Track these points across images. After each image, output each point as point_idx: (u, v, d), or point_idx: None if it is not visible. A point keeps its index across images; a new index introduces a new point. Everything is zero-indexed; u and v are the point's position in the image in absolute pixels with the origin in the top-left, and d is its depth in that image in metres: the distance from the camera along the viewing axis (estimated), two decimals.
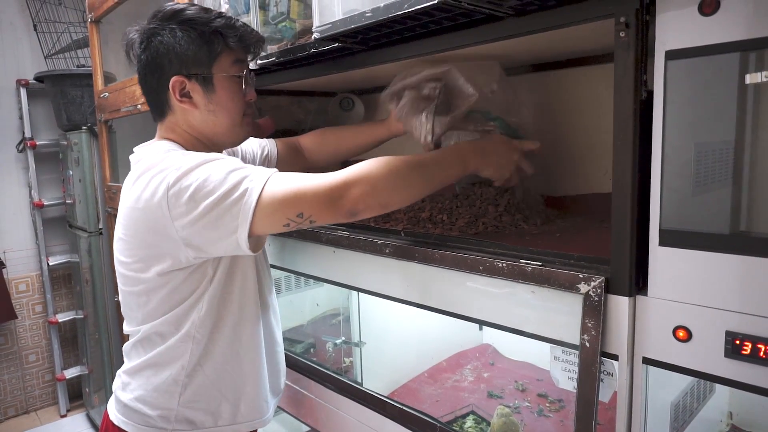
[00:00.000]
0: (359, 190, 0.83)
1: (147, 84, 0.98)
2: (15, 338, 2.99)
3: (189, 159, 0.87)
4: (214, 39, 0.94)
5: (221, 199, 0.83)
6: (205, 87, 0.95)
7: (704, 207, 0.65)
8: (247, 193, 0.83)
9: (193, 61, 0.93)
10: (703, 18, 0.62)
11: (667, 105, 0.66)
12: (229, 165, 0.86)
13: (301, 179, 0.85)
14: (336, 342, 1.47)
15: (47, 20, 2.83)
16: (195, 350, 0.98)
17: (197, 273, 0.95)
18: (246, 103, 1.01)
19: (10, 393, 3.00)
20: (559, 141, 1.25)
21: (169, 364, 0.99)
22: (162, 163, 0.89)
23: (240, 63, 0.99)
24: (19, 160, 2.95)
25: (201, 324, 0.97)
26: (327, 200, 0.83)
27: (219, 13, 0.97)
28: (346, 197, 0.83)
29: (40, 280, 3.04)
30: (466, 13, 0.81)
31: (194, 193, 0.84)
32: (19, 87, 2.85)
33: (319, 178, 0.84)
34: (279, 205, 0.83)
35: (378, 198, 0.85)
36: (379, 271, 1.06)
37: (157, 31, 0.94)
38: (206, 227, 0.85)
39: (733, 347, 0.62)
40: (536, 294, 0.80)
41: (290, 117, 1.71)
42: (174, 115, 0.98)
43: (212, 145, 1.02)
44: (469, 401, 1.28)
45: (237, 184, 0.83)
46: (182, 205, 0.84)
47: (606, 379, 0.75)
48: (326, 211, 0.84)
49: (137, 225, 0.91)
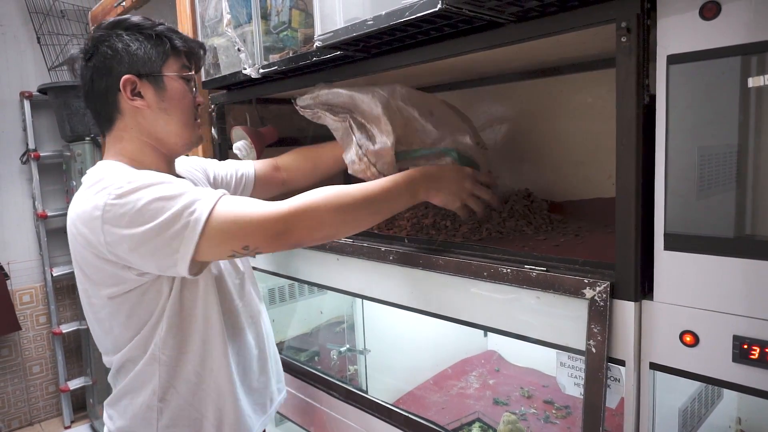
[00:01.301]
0: (304, 225, 0.83)
1: (95, 90, 0.95)
2: (19, 349, 2.99)
3: (130, 179, 0.84)
4: (160, 41, 0.96)
5: (163, 228, 0.80)
6: (157, 86, 0.95)
7: (709, 210, 0.65)
8: (190, 225, 0.80)
9: (143, 62, 0.94)
10: (705, 22, 0.62)
11: (670, 109, 0.65)
12: (173, 190, 0.83)
13: (247, 210, 0.83)
14: (340, 350, 1.46)
15: (50, 33, 2.85)
16: (163, 372, 0.96)
17: (151, 292, 0.92)
18: (195, 107, 1.01)
19: (14, 405, 3.00)
20: (562, 146, 1.25)
21: (141, 390, 0.97)
22: (102, 181, 0.86)
23: (186, 68, 1.00)
24: (23, 171, 2.96)
25: (164, 345, 0.94)
26: (272, 234, 0.82)
27: (161, 22, 0.99)
28: (292, 231, 0.83)
29: (43, 290, 3.04)
30: (467, 20, 0.81)
31: (134, 218, 0.81)
32: (22, 99, 2.87)
33: (264, 208, 0.83)
34: (224, 237, 0.82)
35: (323, 231, 0.85)
36: (383, 278, 1.06)
37: (104, 38, 0.94)
38: (145, 255, 0.83)
39: (741, 352, 0.62)
40: (541, 299, 0.80)
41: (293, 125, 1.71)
42: (123, 119, 0.96)
43: (164, 149, 0.99)
44: (474, 408, 1.27)
45: (179, 214, 0.81)
46: (120, 228, 0.82)
47: (613, 384, 0.74)
48: (272, 244, 0.84)
49: (81, 248, 0.89)
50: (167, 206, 0.81)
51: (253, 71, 1.23)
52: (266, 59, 1.22)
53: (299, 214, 0.83)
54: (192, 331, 0.97)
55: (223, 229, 0.81)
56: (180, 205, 0.81)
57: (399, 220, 1.18)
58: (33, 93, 2.86)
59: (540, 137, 1.30)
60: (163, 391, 0.96)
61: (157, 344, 0.94)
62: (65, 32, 2.88)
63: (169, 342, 0.95)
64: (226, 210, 0.82)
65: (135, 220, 0.81)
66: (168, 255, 0.82)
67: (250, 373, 1.08)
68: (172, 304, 0.93)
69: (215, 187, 1.18)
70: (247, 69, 1.24)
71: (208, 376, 0.99)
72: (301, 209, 0.83)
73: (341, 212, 0.85)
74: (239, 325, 1.06)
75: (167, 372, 0.96)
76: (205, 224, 0.81)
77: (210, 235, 0.81)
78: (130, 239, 0.82)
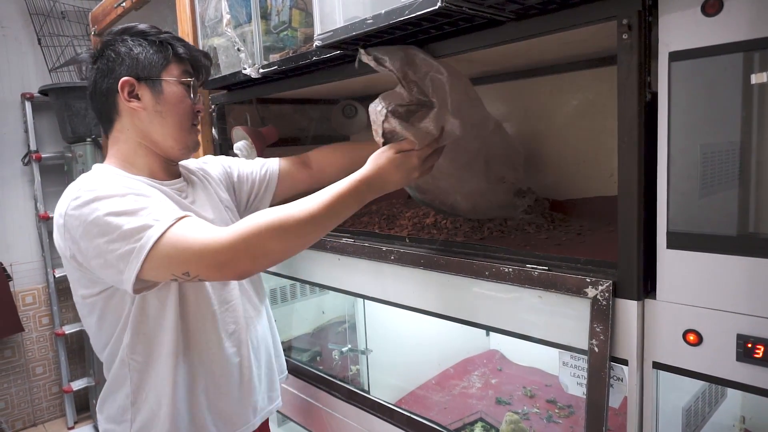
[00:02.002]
0: (249, 256, 0.80)
1: (97, 90, 0.98)
2: (22, 351, 3.00)
3: (93, 187, 0.86)
4: (163, 48, 0.98)
5: (111, 247, 0.82)
6: (154, 89, 0.97)
7: (712, 209, 0.64)
8: (137, 250, 0.81)
9: (143, 65, 0.96)
10: (707, 18, 0.61)
11: (672, 106, 0.65)
12: (125, 205, 0.84)
13: (193, 235, 0.81)
14: (342, 350, 1.46)
15: (51, 34, 2.85)
16: (134, 378, 0.97)
17: (117, 296, 0.94)
18: (194, 113, 1.02)
19: (17, 406, 3.00)
20: (563, 144, 1.25)
21: (117, 392, 1.00)
22: (75, 186, 0.89)
23: (188, 74, 1.01)
24: (24, 173, 2.96)
25: (132, 351, 0.96)
26: (215, 264, 0.80)
27: (167, 31, 1.02)
28: (234, 263, 0.80)
29: (46, 292, 3.04)
30: (467, 18, 0.80)
31: (87, 229, 0.83)
32: (24, 100, 2.87)
33: (208, 237, 0.81)
34: (166, 262, 0.81)
35: (268, 258, 0.83)
36: (384, 278, 1.05)
37: (110, 43, 0.98)
38: (96, 266, 0.85)
39: (744, 351, 0.61)
40: (543, 299, 0.80)
41: (293, 125, 1.71)
42: (121, 121, 0.98)
43: (160, 152, 1.00)
44: (477, 408, 1.27)
45: (129, 235, 0.81)
46: (76, 238, 0.85)
47: (616, 384, 0.74)
48: (213, 274, 0.83)
49: (58, 245, 0.92)
50: (119, 223, 0.82)
51: (253, 71, 1.23)
52: (266, 59, 1.22)
53: (239, 245, 0.80)
54: (158, 341, 0.97)
55: (165, 254, 0.81)
56: (131, 226, 0.82)
57: (400, 220, 1.18)
58: (34, 94, 2.86)
59: (541, 135, 1.29)
60: (135, 396, 0.98)
61: (125, 350, 0.96)
62: (66, 33, 2.88)
63: (138, 348, 0.96)
64: (174, 236, 0.81)
65: (88, 232, 0.83)
66: (115, 273, 0.84)
67: (221, 389, 1.04)
68: (135, 310, 0.94)
69: (239, 185, 1.20)
70: (247, 69, 1.23)
71: (172, 387, 0.97)
72: (242, 240, 0.80)
73: (285, 237, 0.82)
74: (213, 344, 1.03)
75: (138, 377, 0.98)
76: (150, 250, 0.81)
77: (153, 258, 0.81)
78: (84, 250, 0.85)
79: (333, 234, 1.16)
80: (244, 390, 1.07)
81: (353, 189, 0.88)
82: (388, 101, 0.92)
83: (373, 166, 0.90)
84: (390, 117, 0.91)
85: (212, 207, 1.07)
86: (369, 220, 1.26)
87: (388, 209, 1.34)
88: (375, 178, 0.89)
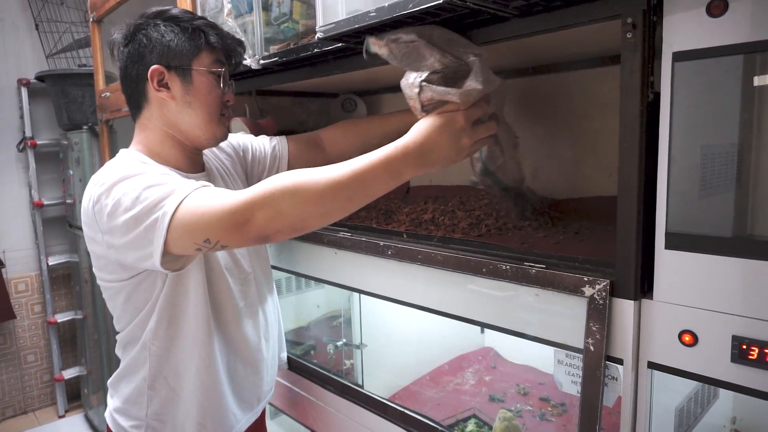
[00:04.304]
0: (263, 215, 0.76)
1: (128, 75, 0.97)
2: (14, 338, 2.98)
3: (113, 174, 0.86)
4: (195, 35, 0.96)
5: (138, 221, 0.81)
6: (183, 79, 0.95)
7: (711, 210, 0.64)
8: (159, 219, 0.80)
9: (174, 54, 0.94)
10: (711, 19, 0.61)
11: (674, 107, 0.65)
12: (147, 181, 0.84)
13: (209, 202, 0.79)
14: (337, 344, 1.46)
15: (49, 20, 2.83)
16: (153, 362, 0.99)
17: (146, 283, 0.94)
18: (223, 103, 1.00)
19: (8, 393, 2.99)
20: (563, 143, 1.25)
21: (135, 375, 1.01)
22: (100, 175, 0.89)
23: (219, 63, 0.99)
24: (19, 159, 2.94)
25: (154, 336, 0.97)
26: (231, 226, 0.77)
27: (201, 16, 0.99)
28: (252, 223, 0.76)
29: (39, 279, 3.03)
30: (470, 13, 0.80)
31: (112, 212, 0.83)
32: (20, 86, 2.85)
33: (225, 200, 0.78)
34: (186, 230, 0.80)
35: (286, 221, 0.77)
36: (380, 273, 1.05)
37: (142, 27, 0.96)
38: (124, 247, 0.84)
39: (739, 352, 0.62)
40: (540, 297, 0.80)
41: (292, 118, 1.70)
42: (149, 108, 0.98)
43: (187, 142, 0.99)
44: (470, 405, 1.27)
45: (152, 207, 0.81)
46: (104, 223, 0.85)
47: (610, 383, 0.74)
48: (233, 237, 0.78)
49: (87, 231, 0.92)
50: (142, 197, 0.82)
51: (254, 62, 1.22)
52: (267, 50, 1.21)
53: (256, 204, 0.76)
54: (182, 326, 0.98)
55: (184, 222, 0.79)
56: (153, 198, 0.81)
57: (398, 215, 1.17)
58: (30, 80, 2.84)
59: (541, 134, 1.29)
60: (153, 380, 0.99)
61: (147, 334, 0.97)
62: (64, 19, 2.86)
63: (160, 333, 0.97)
64: (191, 204, 0.80)
65: (114, 212, 0.83)
66: (144, 246, 0.82)
67: (240, 373, 1.08)
68: (164, 297, 0.95)
69: (252, 164, 1.20)
70: (247, 60, 1.23)
71: (195, 372, 1.00)
72: (258, 198, 0.76)
73: (303, 201, 0.75)
74: (235, 326, 1.06)
75: (157, 362, 0.99)
76: (171, 218, 0.80)
77: (174, 227, 0.80)
78: (113, 231, 0.85)
79: (330, 227, 1.16)
80: (256, 379, 1.12)
81: (387, 157, 0.76)
82: (419, 72, 0.83)
83: (411, 133, 0.79)
84: (426, 86, 0.81)
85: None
86: (367, 215, 1.25)
87: (386, 204, 1.33)
88: (414, 147, 0.77)
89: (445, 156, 0.79)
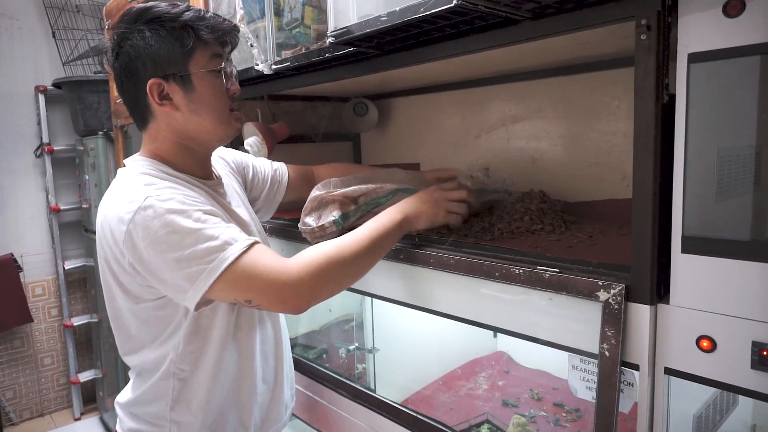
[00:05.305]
0: (310, 294, 0.84)
1: (125, 91, 0.93)
2: (31, 341, 3.02)
3: (162, 196, 0.83)
4: (184, 34, 0.88)
5: (183, 262, 0.80)
6: (184, 86, 0.89)
7: (728, 213, 0.63)
8: (208, 272, 0.80)
9: (167, 61, 0.88)
10: (728, 20, 0.60)
11: (690, 109, 0.64)
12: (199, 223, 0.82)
13: (262, 269, 0.82)
14: (349, 348, 1.46)
15: (66, 27, 2.87)
16: (177, 386, 0.95)
17: (170, 306, 0.90)
18: (230, 98, 0.95)
19: (25, 395, 3.03)
20: (576, 146, 1.24)
21: (155, 402, 0.97)
22: (135, 186, 0.85)
23: (217, 57, 0.93)
24: (36, 165, 2.99)
25: (181, 360, 0.93)
26: (277, 299, 0.84)
27: (187, 6, 0.90)
28: (296, 301, 0.84)
29: (56, 283, 3.07)
30: (482, 17, 0.80)
31: (159, 242, 0.80)
32: (37, 93, 2.90)
33: (278, 268, 0.83)
34: (232, 288, 0.82)
35: (324, 297, 0.87)
36: (392, 276, 1.05)
37: (126, 35, 0.88)
38: (159, 279, 0.84)
39: (759, 358, 0.60)
40: (554, 301, 0.79)
41: (304, 122, 1.71)
42: (156, 122, 0.93)
43: (199, 147, 0.96)
44: (483, 410, 1.26)
45: (203, 256, 0.80)
46: (142, 247, 0.81)
47: (626, 389, 0.73)
48: (274, 307, 0.87)
49: (108, 247, 0.88)
50: (190, 242, 0.81)
51: (266, 67, 1.22)
52: (278, 55, 1.22)
53: (307, 282, 0.83)
54: (207, 349, 0.95)
55: (233, 279, 0.81)
56: (203, 246, 0.81)
57: None
58: (48, 87, 2.89)
59: (553, 137, 1.28)
60: (174, 403, 0.96)
61: (173, 360, 0.94)
62: (80, 27, 2.90)
63: (186, 358, 0.94)
64: (245, 264, 0.82)
65: (157, 245, 0.81)
66: (177, 289, 0.83)
67: (261, 390, 1.05)
68: (190, 321, 0.92)
69: (252, 184, 1.18)
70: (259, 65, 1.23)
71: (218, 394, 0.98)
72: (310, 277, 0.83)
73: (343, 271, 0.87)
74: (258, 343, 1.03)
75: (181, 386, 0.95)
76: (221, 274, 0.81)
77: (222, 281, 0.81)
78: (147, 261, 0.82)
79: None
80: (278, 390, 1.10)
81: (392, 218, 0.94)
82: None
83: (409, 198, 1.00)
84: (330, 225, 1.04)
85: (245, 207, 1.07)
86: None
87: None
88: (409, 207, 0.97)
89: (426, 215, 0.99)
